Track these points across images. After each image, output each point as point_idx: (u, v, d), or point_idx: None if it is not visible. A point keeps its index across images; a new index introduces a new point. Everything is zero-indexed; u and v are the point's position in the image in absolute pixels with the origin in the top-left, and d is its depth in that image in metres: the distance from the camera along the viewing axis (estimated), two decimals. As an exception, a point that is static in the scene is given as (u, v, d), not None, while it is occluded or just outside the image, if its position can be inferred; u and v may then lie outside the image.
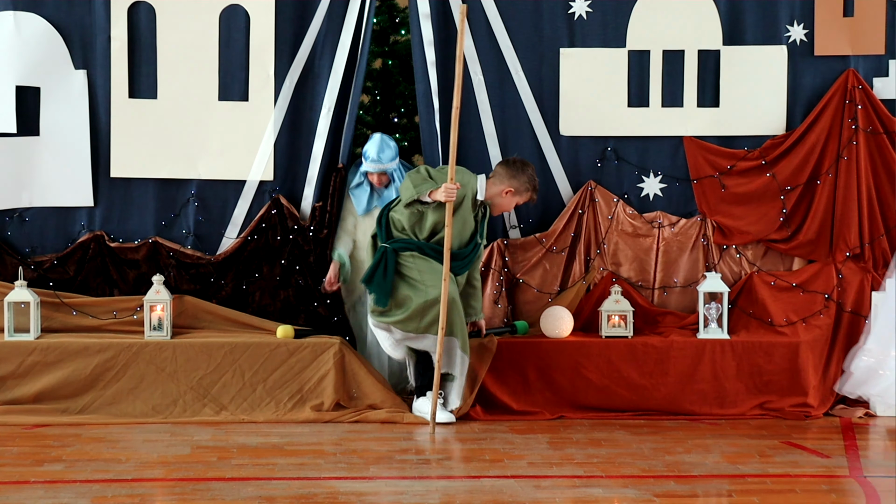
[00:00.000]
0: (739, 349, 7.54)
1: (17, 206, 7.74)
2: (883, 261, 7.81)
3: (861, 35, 7.74)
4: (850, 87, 7.72)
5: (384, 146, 7.50)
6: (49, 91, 7.66)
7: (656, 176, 7.87)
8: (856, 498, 5.98)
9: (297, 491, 6.07)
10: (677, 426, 7.33)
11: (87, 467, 6.44)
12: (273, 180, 7.77)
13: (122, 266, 7.79)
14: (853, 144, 7.74)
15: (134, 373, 7.41)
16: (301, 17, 7.71)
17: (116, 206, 7.79)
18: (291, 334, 7.43)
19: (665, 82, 7.80)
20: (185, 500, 5.94)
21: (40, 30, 7.62)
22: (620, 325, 7.59)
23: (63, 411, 7.36)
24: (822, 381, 7.63)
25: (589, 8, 7.77)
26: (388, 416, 7.31)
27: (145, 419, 7.35)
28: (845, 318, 7.75)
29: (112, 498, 5.94)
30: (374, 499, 5.97)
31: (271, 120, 7.74)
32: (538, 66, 7.78)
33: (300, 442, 6.97)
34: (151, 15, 7.68)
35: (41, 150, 7.69)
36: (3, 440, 6.95)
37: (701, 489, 6.14)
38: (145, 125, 7.72)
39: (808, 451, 6.83)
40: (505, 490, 6.11)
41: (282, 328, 7.45)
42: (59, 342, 7.42)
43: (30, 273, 7.66)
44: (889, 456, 6.88)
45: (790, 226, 7.84)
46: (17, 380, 7.38)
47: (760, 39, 7.79)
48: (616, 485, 6.19)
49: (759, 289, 7.78)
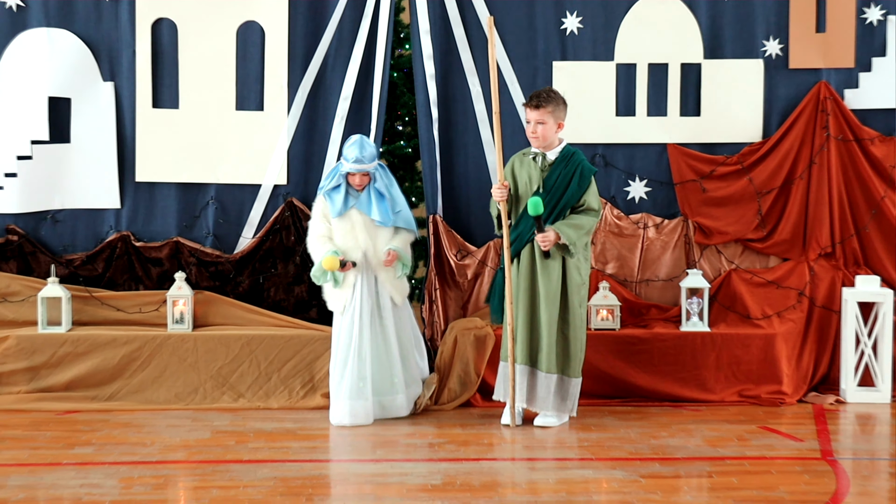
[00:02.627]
0: (719, 340, 7.53)
1: (49, 207, 7.73)
2: (853, 259, 7.80)
3: (832, 50, 7.73)
4: (821, 97, 7.72)
5: (365, 146, 7.01)
6: (79, 101, 7.66)
7: (642, 180, 7.86)
8: (827, 478, 5.98)
9: (309, 472, 6.08)
10: (662, 412, 7.32)
11: (114, 450, 6.45)
12: (287, 184, 7.76)
13: (147, 264, 7.79)
14: (824, 151, 7.73)
15: (158, 363, 7.42)
16: (313, 32, 7.70)
17: (141, 208, 7.79)
18: (337, 265, 6.93)
19: (650, 93, 7.80)
20: (206, 480, 5.94)
21: (71, 45, 7.62)
22: (608, 318, 7.59)
23: (92, 398, 7.37)
24: (795, 371, 7.63)
25: (580, 24, 7.76)
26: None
27: (168, 406, 7.35)
28: (817, 312, 7.74)
29: (138, 479, 5.94)
30: (380, 479, 5.97)
31: (285, 128, 7.74)
32: (533, 77, 7.77)
33: (312, 427, 6.97)
34: (173, 31, 7.68)
35: (72, 156, 7.69)
36: (38, 425, 6.97)
37: (684, 470, 6.14)
38: (168, 133, 7.72)
39: (783, 435, 6.82)
40: (503, 471, 6.12)
41: (327, 259, 6.94)
42: (88, 334, 7.43)
43: (62, 270, 7.67)
44: (857, 439, 6.89)
45: (766, 226, 7.83)
46: (50, 369, 7.38)
47: (739, 53, 7.78)
48: (605, 467, 6.19)
49: (737, 285, 7.78)
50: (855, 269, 7.78)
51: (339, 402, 6.96)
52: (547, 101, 6.81)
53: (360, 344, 6.97)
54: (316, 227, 7.10)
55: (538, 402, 6.91)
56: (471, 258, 7.79)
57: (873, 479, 6.05)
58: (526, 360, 6.91)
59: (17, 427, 6.90)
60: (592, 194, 6.85)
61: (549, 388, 6.86)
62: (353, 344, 6.96)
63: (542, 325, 6.85)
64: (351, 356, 6.96)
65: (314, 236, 7.09)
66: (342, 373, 6.97)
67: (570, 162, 6.84)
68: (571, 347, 6.87)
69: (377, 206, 7.01)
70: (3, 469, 6.09)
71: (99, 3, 7.63)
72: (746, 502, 5.59)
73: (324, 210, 7.07)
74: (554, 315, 6.83)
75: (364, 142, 7.03)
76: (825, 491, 5.78)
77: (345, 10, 7.69)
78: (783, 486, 5.84)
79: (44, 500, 5.63)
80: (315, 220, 7.11)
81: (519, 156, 6.99)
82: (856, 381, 7.60)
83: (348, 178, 7.03)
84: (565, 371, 6.88)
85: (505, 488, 5.82)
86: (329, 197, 7.05)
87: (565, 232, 6.72)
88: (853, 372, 7.59)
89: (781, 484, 5.88)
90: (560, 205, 6.82)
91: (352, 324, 6.98)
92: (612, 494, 5.73)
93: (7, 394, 7.34)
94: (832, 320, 7.74)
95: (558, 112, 6.85)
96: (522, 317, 6.89)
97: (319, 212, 7.09)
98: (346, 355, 6.98)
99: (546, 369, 6.85)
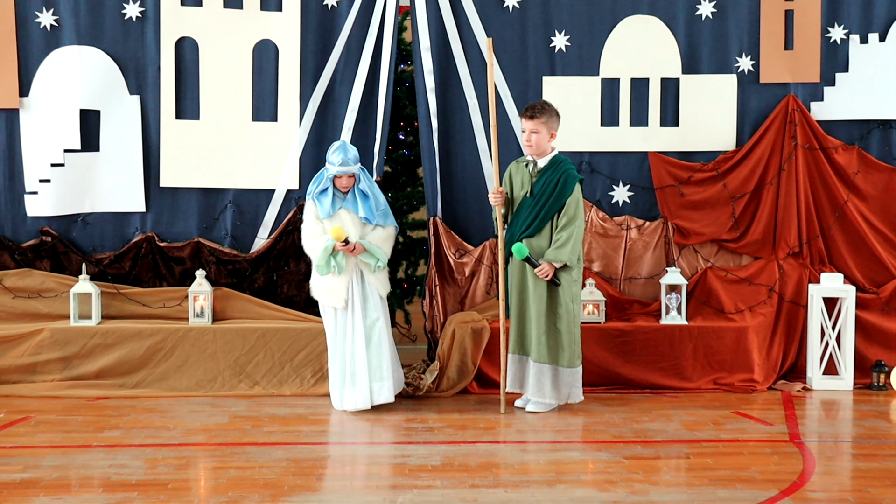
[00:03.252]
0: (696, 333, 7.55)
1: (80, 211, 7.74)
2: (819, 258, 7.82)
3: (799, 66, 7.75)
4: (790, 110, 7.73)
5: (348, 149, 6.92)
6: (108, 113, 7.67)
7: (625, 185, 7.88)
8: (794, 459, 6.00)
9: (319, 454, 6.08)
10: (643, 399, 7.33)
11: (140, 433, 6.46)
12: (298, 189, 7.77)
13: (170, 262, 7.80)
14: (793, 159, 7.74)
15: (180, 353, 7.43)
16: (322, 50, 7.71)
17: (165, 211, 7.79)
18: (344, 235, 6.86)
19: (632, 105, 7.80)
20: (224, 461, 5.95)
21: (100, 61, 7.63)
22: (594, 312, 7.60)
23: (120, 386, 7.38)
24: (765, 360, 7.64)
25: (567, 42, 7.78)
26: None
27: (190, 393, 7.37)
28: (785, 307, 7.76)
29: (162, 459, 5.95)
30: (384, 460, 5.98)
31: (297, 137, 7.75)
32: (524, 91, 7.78)
33: (322, 412, 6.98)
34: (195, 48, 7.69)
35: (101, 163, 7.69)
36: (70, 410, 6.98)
37: (663, 452, 6.15)
38: (189, 142, 7.72)
39: (754, 419, 6.83)
40: (496, 453, 6.12)
41: (335, 229, 6.85)
42: (116, 327, 7.44)
43: (91, 268, 7.68)
44: (822, 423, 6.90)
45: (739, 228, 7.85)
46: (81, 359, 7.40)
47: (714, 69, 7.80)
48: (591, 449, 6.19)
49: (713, 281, 7.79)
50: (820, 267, 7.79)
51: (342, 389, 6.98)
52: (541, 113, 6.85)
53: (354, 335, 6.97)
54: (310, 227, 7.02)
55: (529, 388, 6.91)
56: (468, 257, 7.81)
57: (837, 459, 6.07)
58: (516, 349, 6.96)
59: (52, 412, 6.92)
60: (574, 201, 6.81)
61: (539, 376, 6.86)
62: (348, 335, 6.97)
63: (532, 318, 6.86)
64: (348, 346, 6.97)
65: (309, 235, 7.01)
66: (343, 362, 6.98)
67: (557, 169, 6.86)
68: (563, 340, 6.84)
69: (362, 204, 6.99)
70: (38, 450, 6.12)
71: (126, 23, 7.63)
72: (721, 481, 5.61)
73: (315, 213, 6.99)
74: (542, 309, 6.83)
75: (347, 146, 6.97)
76: (793, 471, 5.80)
77: (352, 29, 7.70)
78: (754, 467, 5.86)
79: (76, 478, 5.66)
80: (308, 223, 7.03)
81: (516, 162, 7.05)
82: (821, 370, 7.61)
83: (335, 181, 6.96)
84: (557, 361, 6.87)
85: (499, 468, 5.83)
86: (318, 200, 6.98)
87: (557, 257, 6.77)
88: (818, 361, 7.60)
89: (753, 464, 5.90)
90: (545, 208, 6.83)
91: (346, 317, 6.98)
92: (598, 474, 5.75)
93: (42, 381, 7.36)
94: (799, 314, 7.75)
95: (551, 123, 6.87)
96: (515, 310, 6.93)
97: (311, 214, 7.01)
98: (343, 346, 6.98)
99: (536, 358, 6.85)
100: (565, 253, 6.77)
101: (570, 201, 6.80)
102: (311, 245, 7.02)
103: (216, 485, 5.61)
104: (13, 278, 7.60)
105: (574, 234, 6.80)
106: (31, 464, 5.87)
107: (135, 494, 5.40)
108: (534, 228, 6.86)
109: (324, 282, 6.99)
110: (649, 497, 5.39)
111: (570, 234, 6.79)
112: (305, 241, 7.06)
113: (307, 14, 7.69)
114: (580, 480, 5.65)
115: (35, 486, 5.53)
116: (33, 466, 5.83)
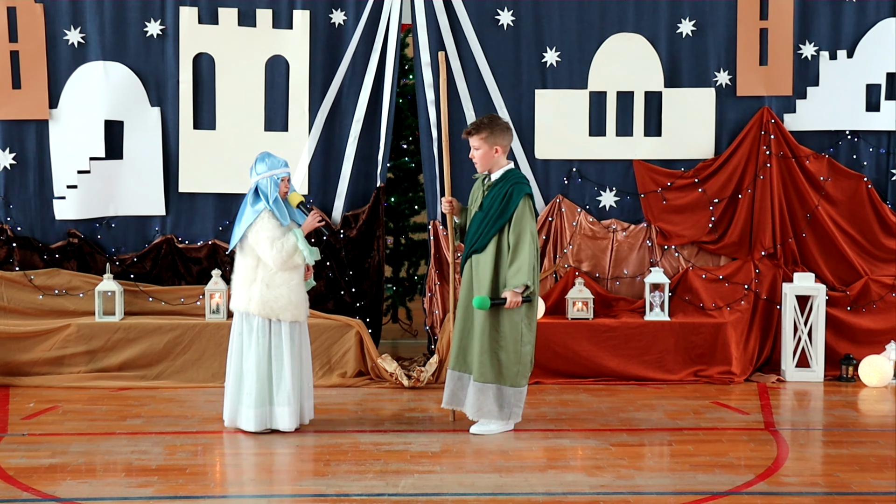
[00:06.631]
0: (677, 328, 7.53)
1: (105, 214, 7.72)
2: (792, 259, 7.81)
3: (774, 80, 7.74)
4: (765, 121, 7.71)
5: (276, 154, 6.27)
6: (130, 124, 7.64)
7: (611, 191, 7.86)
8: (769, 446, 6.00)
9: (326, 441, 6.07)
10: (629, 390, 7.31)
11: (160, 422, 6.45)
12: (308, 194, 7.76)
13: (188, 262, 7.78)
14: (767, 167, 7.73)
15: (197, 347, 7.41)
16: (330, 65, 7.69)
17: (183, 214, 7.77)
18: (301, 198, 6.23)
19: (618, 117, 7.78)
20: (239, 448, 5.94)
21: (124, 75, 7.61)
22: (583, 309, 7.58)
23: (141, 377, 7.36)
24: (742, 354, 7.62)
25: (558, 58, 7.76)
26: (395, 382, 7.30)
27: (206, 384, 7.34)
28: (761, 304, 7.74)
29: (180, 446, 5.95)
30: (387, 447, 5.97)
31: (306, 146, 7.73)
32: (517, 103, 7.76)
33: (329, 402, 6.96)
34: (211, 63, 7.67)
35: (124, 170, 7.67)
36: (94, 400, 6.97)
37: (647, 440, 6.15)
38: (206, 150, 7.70)
39: (732, 409, 6.83)
40: (492, 441, 6.11)
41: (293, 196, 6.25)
42: (138, 322, 7.42)
43: (115, 268, 7.66)
44: (795, 413, 6.89)
45: (717, 231, 7.83)
46: (105, 352, 7.38)
47: (694, 83, 7.78)
48: (580, 437, 6.19)
49: (693, 280, 7.78)
50: (793, 267, 7.78)
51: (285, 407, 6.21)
52: (478, 130, 6.16)
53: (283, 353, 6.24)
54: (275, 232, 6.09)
55: (467, 407, 6.22)
56: (465, 258, 7.77)
57: (809, 446, 6.07)
58: (456, 365, 6.27)
59: (78, 402, 6.91)
60: (521, 216, 6.07)
61: (480, 395, 6.15)
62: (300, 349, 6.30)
63: (475, 336, 6.17)
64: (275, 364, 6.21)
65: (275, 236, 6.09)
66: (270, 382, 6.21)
67: (506, 182, 6.14)
68: (506, 359, 6.12)
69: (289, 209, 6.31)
70: (66, 437, 6.12)
71: (148, 40, 7.61)
72: (701, 467, 5.61)
73: (276, 222, 6.12)
74: (485, 327, 6.11)
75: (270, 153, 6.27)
76: (768, 457, 5.80)
77: (357, 45, 7.68)
78: (732, 453, 5.86)
79: (100, 464, 5.65)
80: (273, 231, 6.09)
81: (478, 177, 6.39)
82: (794, 363, 7.60)
83: (280, 187, 6.19)
84: (499, 381, 6.15)
85: (495, 455, 5.82)
86: (276, 208, 6.13)
87: (517, 283, 6.02)
88: (792, 355, 7.59)
89: (731, 451, 5.90)
90: (490, 221, 6.13)
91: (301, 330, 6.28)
92: (587, 460, 5.75)
93: (69, 373, 7.34)
94: (774, 311, 7.74)
95: (493, 138, 6.14)
96: (458, 326, 6.29)
97: (273, 224, 6.10)
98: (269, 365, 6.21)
99: (477, 377, 6.14)
100: (522, 276, 6.00)
101: (515, 215, 6.06)
102: (285, 245, 6.09)
103: (231, 469, 5.61)
104: (42, 277, 7.58)
105: (527, 259, 6.03)
106: (58, 450, 5.86)
107: (155, 478, 5.40)
108: (479, 244, 6.14)
109: (289, 296, 6.15)
110: (634, 481, 5.38)
111: (522, 258, 6.03)
112: (278, 245, 6.09)
113: (316, 31, 7.67)
114: (570, 466, 5.64)
115: (62, 470, 5.52)
116: (61, 452, 5.81)
